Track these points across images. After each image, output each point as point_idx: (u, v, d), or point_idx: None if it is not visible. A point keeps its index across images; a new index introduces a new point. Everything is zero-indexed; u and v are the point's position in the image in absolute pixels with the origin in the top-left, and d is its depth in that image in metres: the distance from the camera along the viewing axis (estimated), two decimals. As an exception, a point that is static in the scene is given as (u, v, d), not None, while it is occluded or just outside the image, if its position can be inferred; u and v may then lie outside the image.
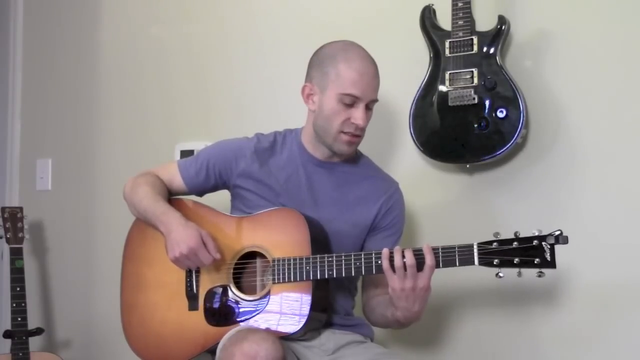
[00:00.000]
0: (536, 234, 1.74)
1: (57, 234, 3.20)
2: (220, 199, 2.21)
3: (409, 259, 1.81)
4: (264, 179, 2.09)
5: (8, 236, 2.90)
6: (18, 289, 2.83)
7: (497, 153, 2.19)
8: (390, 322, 2.00)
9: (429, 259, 1.80)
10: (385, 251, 1.84)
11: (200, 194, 2.20)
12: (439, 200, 2.39)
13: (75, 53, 3.19)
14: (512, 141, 2.17)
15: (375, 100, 2.02)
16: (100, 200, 3.07)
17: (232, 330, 1.90)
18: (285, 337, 1.90)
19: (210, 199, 2.20)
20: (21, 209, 2.97)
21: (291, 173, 2.09)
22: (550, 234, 1.72)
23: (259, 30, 2.77)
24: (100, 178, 3.08)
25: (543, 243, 1.73)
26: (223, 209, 2.12)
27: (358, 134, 2.02)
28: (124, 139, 3.04)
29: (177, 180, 2.16)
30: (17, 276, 2.84)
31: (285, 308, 1.93)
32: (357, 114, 1.98)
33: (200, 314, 2.02)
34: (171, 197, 2.16)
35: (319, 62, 2.04)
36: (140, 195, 2.09)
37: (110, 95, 3.09)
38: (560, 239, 1.71)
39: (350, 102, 1.98)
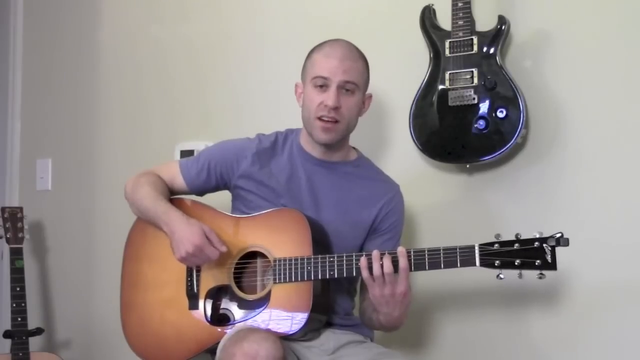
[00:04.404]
0: (537, 236, 1.74)
1: (57, 234, 3.19)
2: (221, 199, 2.21)
3: (387, 266, 1.82)
4: (265, 181, 2.09)
5: (8, 236, 2.90)
6: (18, 289, 2.83)
7: (497, 153, 2.19)
8: (377, 326, 2.03)
9: (402, 262, 1.82)
10: (363, 261, 1.85)
11: (201, 194, 2.20)
12: (438, 201, 2.39)
13: (75, 53, 3.19)
14: (512, 141, 2.17)
15: (351, 83, 2.01)
16: (100, 200, 3.07)
17: (232, 330, 1.90)
18: (285, 337, 1.90)
19: (211, 199, 2.20)
20: (21, 209, 2.97)
21: (291, 174, 2.09)
22: (551, 236, 1.73)
23: (259, 30, 2.77)
24: (100, 178, 3.08)
25: (544, 245, 1.73)
26: (224, 209, 2.12)
27: (332, 117, 2.00)
28: (124, 138, 3.04)
29: (178, 180, 2.16)
30: (17, 276, 2.84)
31: (285, 308, 1.93)
32: (327, 95, 1.99)
33: (200, 313, 2.02)
34: (172, 196, 2.16)
35: (305, 60, 2.09)
36: (141, 195, 2.09)
37: (110, 95, 3.09)
38: (561, 241, 1.72)
39: (321, 83, 2.00)
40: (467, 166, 2.29)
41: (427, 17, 2.33)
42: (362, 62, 2.06)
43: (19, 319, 2.80)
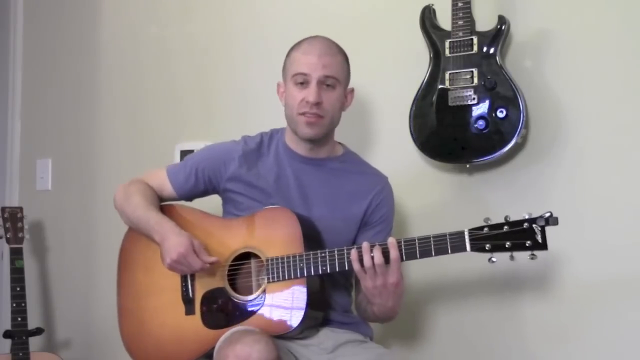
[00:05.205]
0: (526, 217, 1.74)
1: (57, 234, 3.20)
2: (214, 203, 2.20)
3: (377, 257, 1.83)
4: (254, 182, 2.09)
5: (8, 236, 2.90)
6: (18, 289, 2.83)
7: (497, 153, 2.19)
8: (372, 318, 2.04)
9: (393, 253, 1.82)
10: (354, 254, 1.85)
11: (190, 199, 2.20)
12: (438, 200, 2.38)
13: (75, 53, 3.19)
14: (512, 141, 2.17)
15: (331, 77, 2.02)
16: (100, 200, 3.06)
17: (228, 332, 1.89)
18: (282, 336, 1.90)
19: (204, 203, 2.19)
20: (21, 209, 2.98)
21: (279, 173, 2.09)
22: (540, 216, 1.73)
23: (259, 30, 2.76)
24: (100, 178, 3.08)
25: (533, 225, 1.73)
26: (215, 213, 2.12)
27: (315, 112, 2.01)
28: (124, 138, 3.04)
29: (166, 187, 2.16)
30: (17, 276, 2.84)
31: (281, 306, 1.92)
32: (308, 91, 2.00)
33: (197, 318, 2.01)
34: (162, 203, 2.16)
35: (285, 59, 2.10)
36: (133, 206, 2.09)
37: (110, 95, 3.09)
38: (550, 220, 1.72)
39: (301, 80, 2.02)
40: (467, 166, 2.28)
41: (427, 17, 2.32)
42: (341, 57, 2.07)
43: (19, 319, 2.81)
